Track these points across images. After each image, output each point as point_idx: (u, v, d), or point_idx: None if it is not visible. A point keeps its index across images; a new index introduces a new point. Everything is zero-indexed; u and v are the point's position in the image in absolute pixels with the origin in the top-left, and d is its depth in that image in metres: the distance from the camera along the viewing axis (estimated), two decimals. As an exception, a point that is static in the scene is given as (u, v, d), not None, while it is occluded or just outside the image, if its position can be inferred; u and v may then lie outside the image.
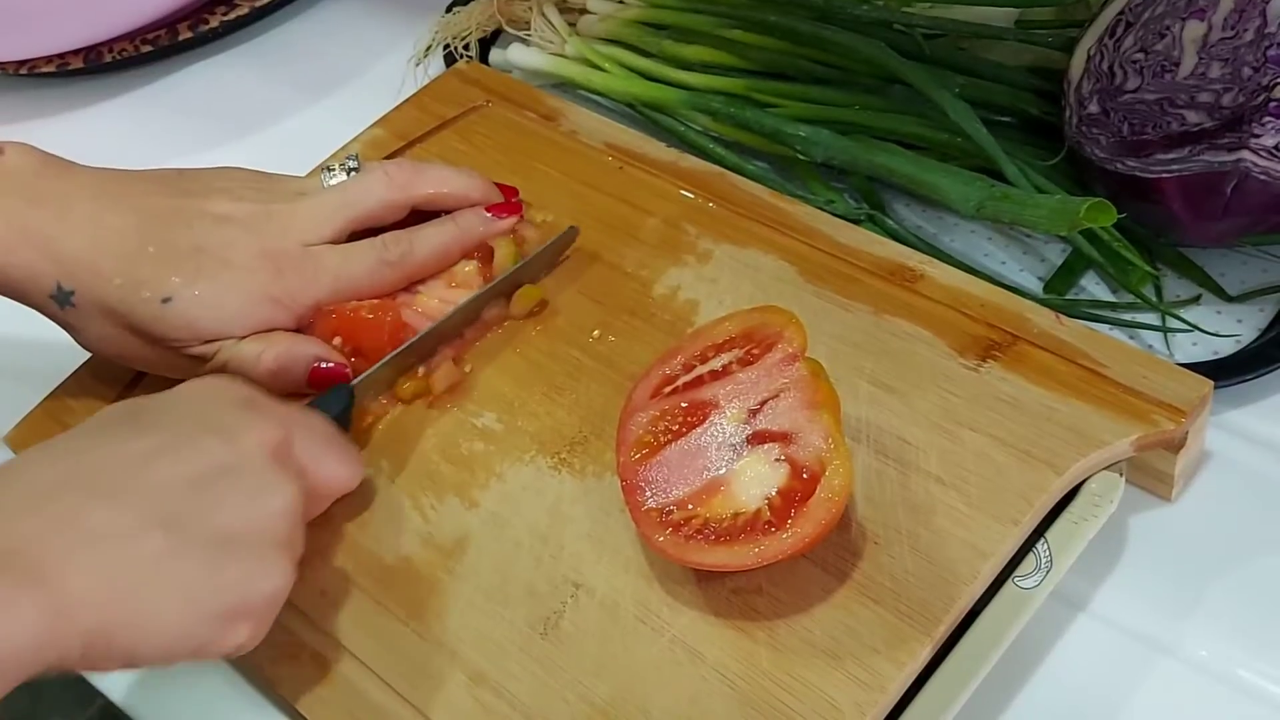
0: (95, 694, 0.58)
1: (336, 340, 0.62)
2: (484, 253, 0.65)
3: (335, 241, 0.62)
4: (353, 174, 0.63)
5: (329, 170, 0.63)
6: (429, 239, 0.63)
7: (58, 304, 0.58)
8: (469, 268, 0.64)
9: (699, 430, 0.52)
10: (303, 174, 0.73)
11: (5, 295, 0.59)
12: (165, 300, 0.58)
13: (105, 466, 0.45)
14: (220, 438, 0.47)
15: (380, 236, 0.62)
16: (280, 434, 0.50)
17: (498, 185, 0.67)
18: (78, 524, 0.43)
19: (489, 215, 0.65)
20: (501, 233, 0.65)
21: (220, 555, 0.45)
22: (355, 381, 0.60)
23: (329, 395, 0.59)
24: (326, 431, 0.55)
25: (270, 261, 0.59)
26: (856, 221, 0.66)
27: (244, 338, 0.59)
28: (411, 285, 0.63)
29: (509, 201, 0.66)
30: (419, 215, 0.65)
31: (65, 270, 0.57)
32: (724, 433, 0.51)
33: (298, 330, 0.61)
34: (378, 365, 0.61)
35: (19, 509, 0.43)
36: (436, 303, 0.63)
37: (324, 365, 0.60)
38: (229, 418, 0.49)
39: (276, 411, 0.52)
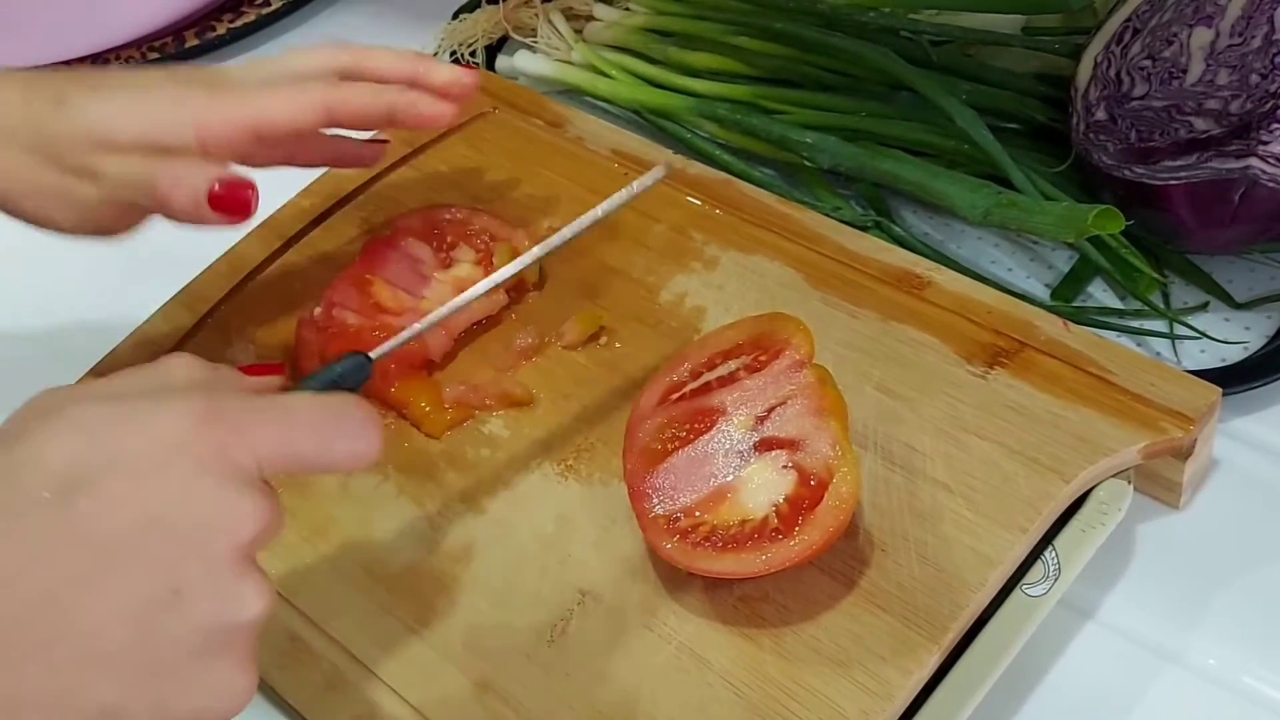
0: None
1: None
2: (484, 256, 0.64)
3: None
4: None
5: None
6: (362, 86, 0.59)
7: None
8: (475, 274, 0.64)
9: (706, 437, 0.52)
10: (305, 184, 0.73)
11: None
12: (60, 103, 0.55)
13: (32, 599, 0.36)
14: (175, 546, 0.38)
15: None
16: (254, 528, 0.39)
17: None
18: (7, 693, 0.36)
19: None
20: (439, 118, 0.61)
21: (174, 688, 0.38)
22: (375, 353, 0.53)
23: (347, 369, 0.52)
24: (320, 415, 0.42)
25: (177, 76, 0.57)
26: (863, 228, 0.66)
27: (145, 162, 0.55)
28: (417, 290, 0.63)
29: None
30: None
31: None
32: (731, 440, 0.51)
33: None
34: (397, 339, 0.55)
35: None
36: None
37: (222, 184, 0.55)
38: (191, 503, 0.38)
39: (260, 444, 0.40)
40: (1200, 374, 0.55)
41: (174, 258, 0.68)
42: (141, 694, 0.37)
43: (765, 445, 0.51)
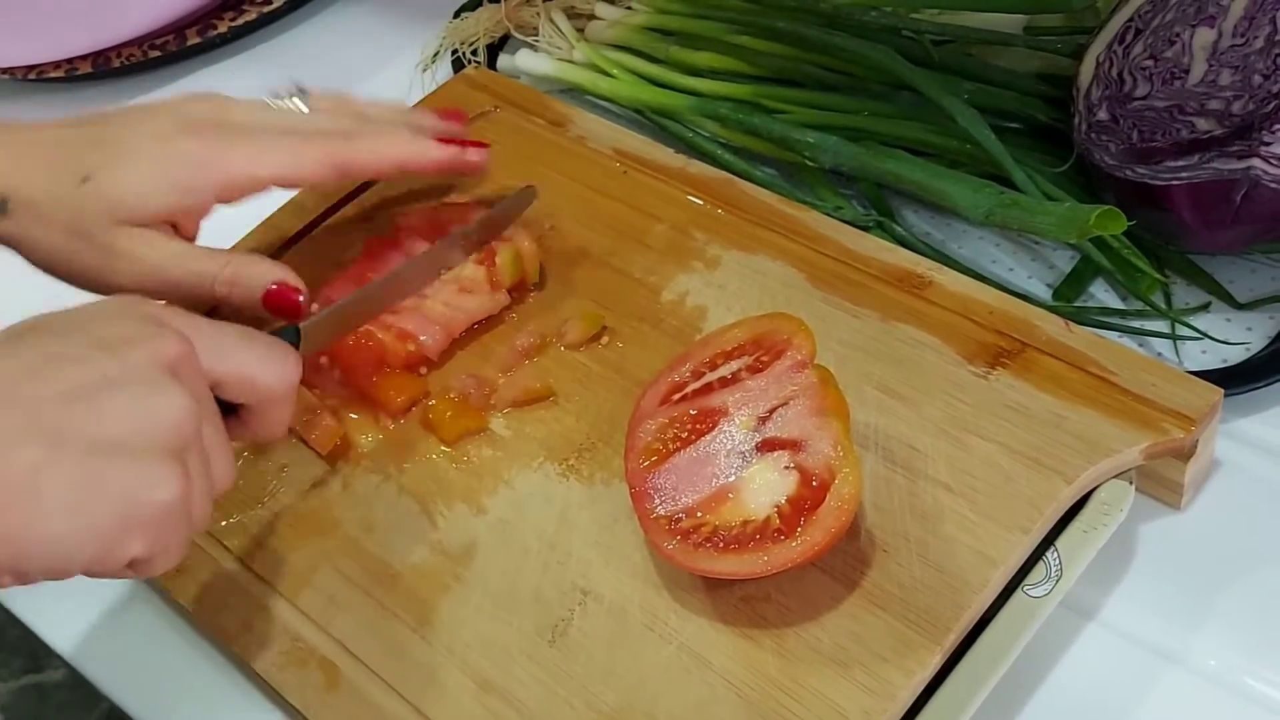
0: (100, 698, 0.58)
1: (324, 360, 0.62)
2: (488, 257, 0.64)
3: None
4: (296, 100, 0.64)
5: (276, 97, 0.64)
6: (375, 135, 0.63)
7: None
8: (477, 274, 0.64)
9: (708, 437, 0.52)
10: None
11: None
12: (84, 180, 0.57)
13: None
14: (108, 352, 0.45)
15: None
16: (178, 348, 0.47)
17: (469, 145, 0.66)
18: None
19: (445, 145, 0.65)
20: (453, 162, 0.65)
21: (102, 465, 0.43)
22: (305, 324, 0.57)
23: (277, 334, 0.56)
24: (243, 333, 0.52)
25: (191, 123, 0.59)
26: (865, 228, 0.66)
27: (190, 244, 0.59)
28: (420, 291, 0.63)
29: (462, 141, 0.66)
30: None
31: (2, 175, 0.58)
32: (733, 440, 0.51)
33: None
34: (328, 310, 0.59)
35: None
36: (443, 307, 0.63)
37: (277, 284, 0.59)
38: (125, 331, 0.47)
39: (181, 323, 0.49)
40: (1202, 375, 0.55)
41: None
42: (70, 459, 0.43)
43: (767, 446, 0.51)
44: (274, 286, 0.59)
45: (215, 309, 0.62)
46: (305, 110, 0.64)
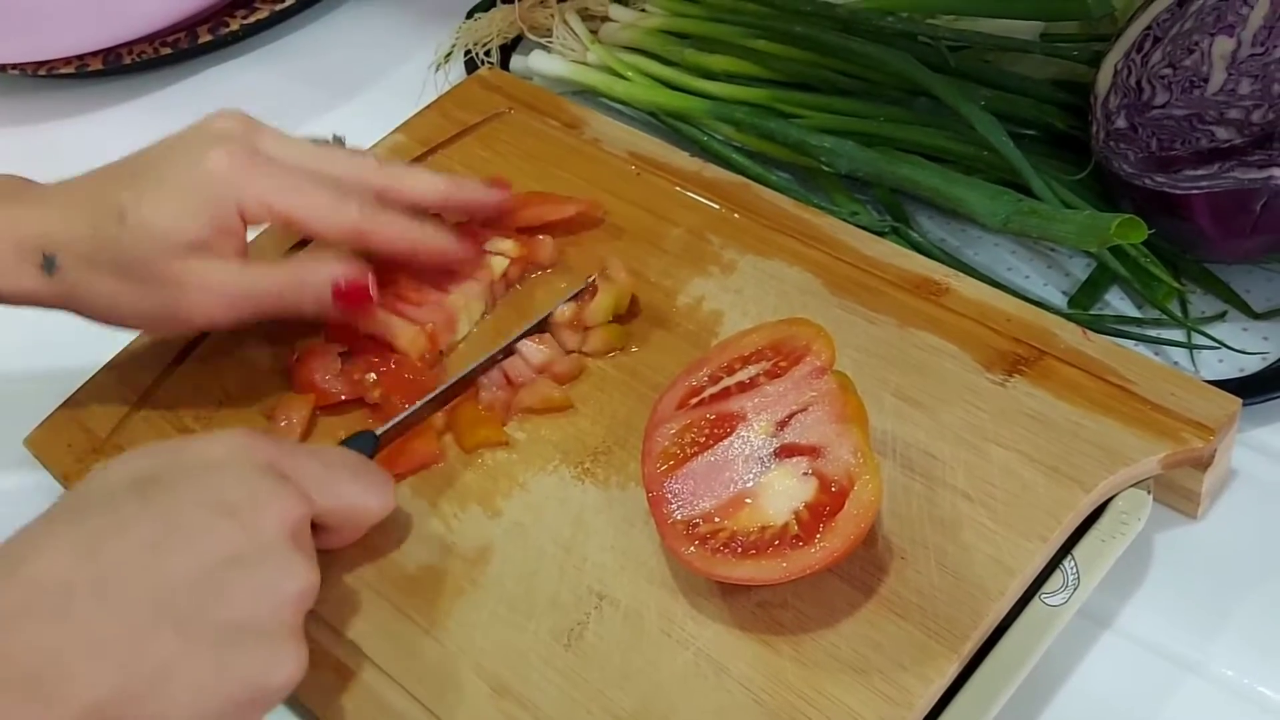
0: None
1: (371, 376, 0.61)
2: (589, 295, 0.63)
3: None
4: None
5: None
6: (393, 220, 0.60)
7: (47, 272, 0.57)
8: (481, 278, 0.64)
9: (726, 442, 0.52)
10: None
11: None
12: (121, 218, 0.56)
13: (112, 560, 0.43)
14: (234, 521, 0.45)
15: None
16: (299, 510, 0.47)
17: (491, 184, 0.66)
18: (86, 632, 0.41)
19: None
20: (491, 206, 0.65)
21: (231, 653, 0.43)
22: (381, 430, 0.58)
23: (354, 440, 0.58)
24: (352, 463, 0.54)
25: (215, 143, 0.58)
26: (880, 233, 0.66)
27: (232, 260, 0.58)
28: (443, 286, 0.63)
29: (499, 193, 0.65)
30: None
31: (42, 237, 0.57)
32: (751, 445, 0.51)
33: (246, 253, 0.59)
34: (405, 413, 0.59)
35: (22, 612, 0.41)
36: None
37: (345, 281, 0.59)
38: (246, 490, 0.46)
39: (290, 466, 0.49)
40: (1218, 384, 0.55)
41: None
42: (201, 650, 0.43)
43: (786, 451, 0.51)
44: (341, 284, 0.59)
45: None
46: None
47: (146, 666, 0.42)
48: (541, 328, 0.62)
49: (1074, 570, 0.51)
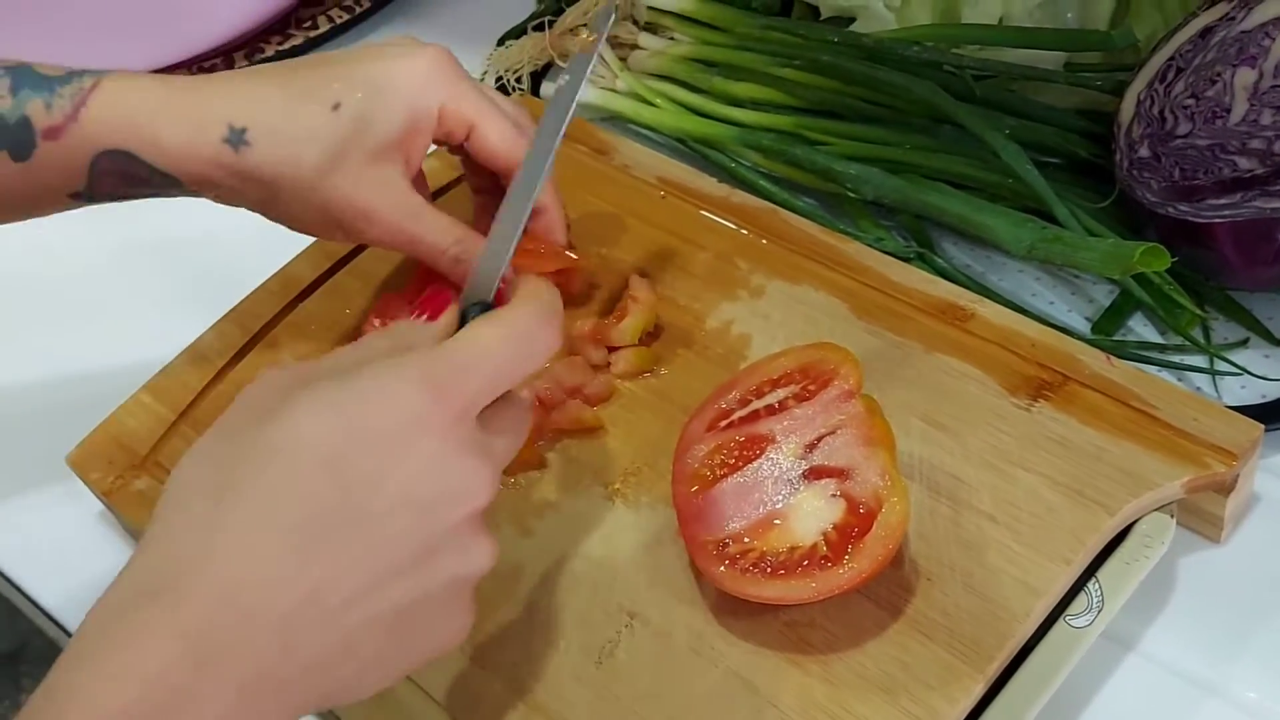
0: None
1: None
2: (619, 315, 0.64)
3: None
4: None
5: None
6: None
7: (232, 147, 0.56)
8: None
9: (755, 464, 0.53)
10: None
11: (163, 181, 0.58)
12: (336, 107, 0.57)
13: (325, 575, 0.41)
14: (431, 518, 0.43)
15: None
16: (491, 493, 0.45)
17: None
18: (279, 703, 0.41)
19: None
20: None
21: (411, 633, 0.44)
22: None
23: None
24: (517, 331, 0.47)
25: (434, 57, 0.59)
26: (906, 259, 0.67)
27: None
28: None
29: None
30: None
31: (233, 107, 0.56)
32: (780, 467, 0.52)
33: None
34: None
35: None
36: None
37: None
38: (439, 484, 0.43)
39: (496, 423, 0.47)
40: (1240, 409, 0.56)
41: (221, 281, 0.71)
42: (395, 642, 0.43)
43: (814, 473, 0.51)
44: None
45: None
46: None
47: (331, 689, 0.43)
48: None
49: (1098, 593, 0.52)
